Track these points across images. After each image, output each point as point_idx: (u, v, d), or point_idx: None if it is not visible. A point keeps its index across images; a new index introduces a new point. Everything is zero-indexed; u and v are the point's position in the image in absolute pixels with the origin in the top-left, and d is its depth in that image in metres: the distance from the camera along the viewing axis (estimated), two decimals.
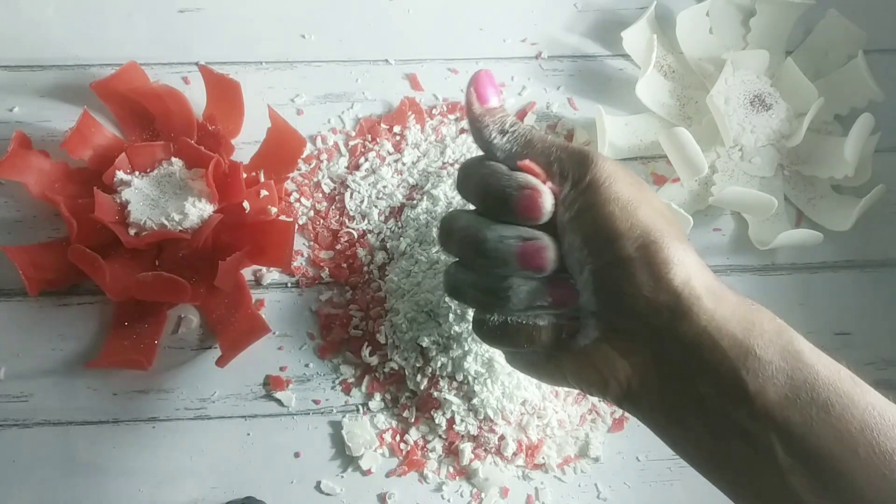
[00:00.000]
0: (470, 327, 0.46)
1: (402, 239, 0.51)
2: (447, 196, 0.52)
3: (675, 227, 0.33)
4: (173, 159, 0.51)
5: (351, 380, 0.50)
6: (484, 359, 0.47)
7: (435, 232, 0.51)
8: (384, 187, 0.54)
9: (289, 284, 0.52)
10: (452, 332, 0.47)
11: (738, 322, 0.31)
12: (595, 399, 0.50)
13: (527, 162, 0.35)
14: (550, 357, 0.36)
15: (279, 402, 0.49)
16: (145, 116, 0.54)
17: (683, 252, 0.32)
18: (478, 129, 0.36)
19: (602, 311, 0.33)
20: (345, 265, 0.52)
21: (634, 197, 0.33)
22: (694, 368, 0.31)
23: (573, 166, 0.34)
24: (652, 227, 0.32)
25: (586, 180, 0.33)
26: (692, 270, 0.31)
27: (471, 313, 0.46)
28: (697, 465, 0.33)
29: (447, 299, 0.47)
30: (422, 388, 0.48)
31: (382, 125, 0.56)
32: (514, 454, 0.48)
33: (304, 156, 0.54)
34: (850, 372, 0.31)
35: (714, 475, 0.33)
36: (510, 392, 0.47)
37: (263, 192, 0.50)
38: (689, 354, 0.31)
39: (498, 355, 0.47)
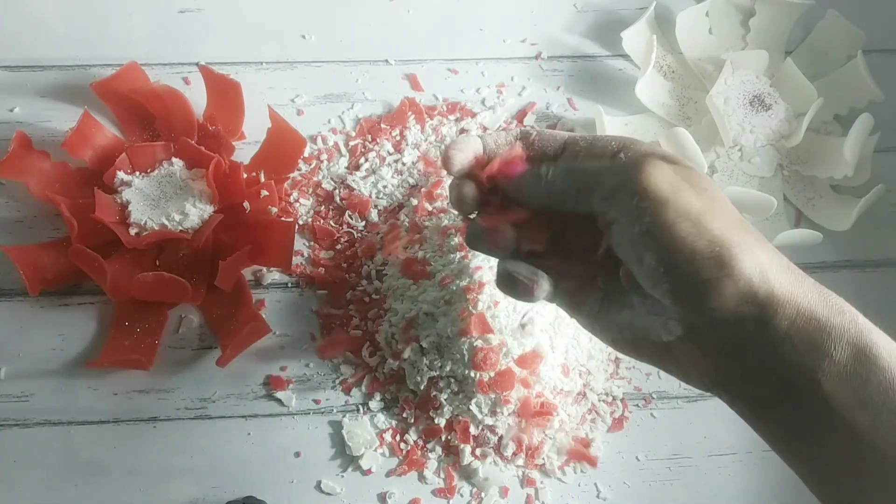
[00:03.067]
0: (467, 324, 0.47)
1: (402, 238, 0.51)
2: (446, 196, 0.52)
3: (750, 233, 0.32)
4: (174, 159, 0.52)
5: (351, 380, 0.50)
6: None
7: (430, 231, 0.51)
8: (384, 187, 0.54)
9: (289, 284, 0.52)
10: (451, 332, 0.47)
11: (818, 325, 0.31)
12: (594, 399, 0.50)
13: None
14: (628, 339, 0.36)
15: (279, 401, 0.49)
16: (146, 117, 0.54)
17: (763, 259, 0.31)
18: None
19: (684, 318, 0.33)
20: (345, 265, 0.52)
21: (706, 209, 0.31)
22: (775, 370, 0.31)
23: (618, 182, 0.33)
24: (729, 241, 0.31)
25: (646, 196, 0.32)
26: (773, 277, 0.31)
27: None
28: (780, 453, 0.33)
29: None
30: (422, 388, 0.48)
31: (382, 125, 0.56)
32: (514, 454, 0.48)
33: (304, 156, 0.54)
34: None
35: (796, 468, 0.33)
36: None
37: (264, 193, 0.51)
38: (770, 358, 0.31)
39: None
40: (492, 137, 0.39)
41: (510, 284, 0.36)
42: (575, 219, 0.35)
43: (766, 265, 0.31)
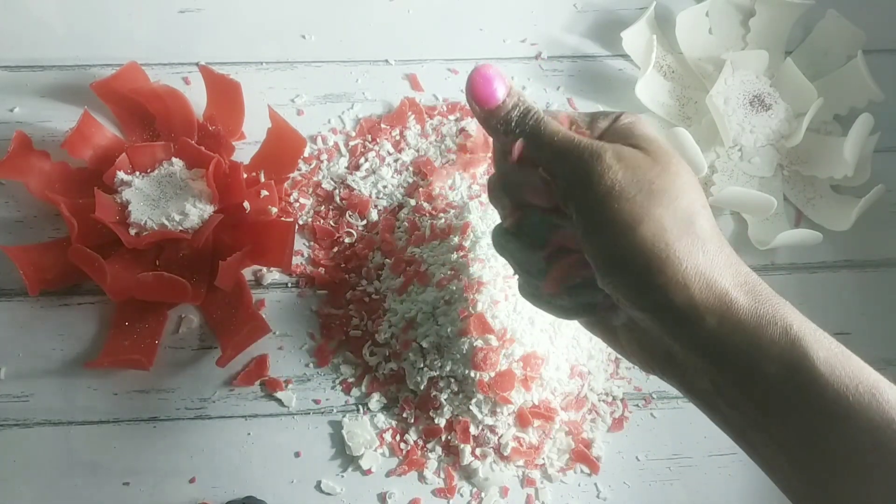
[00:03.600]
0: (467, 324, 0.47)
1: (401, 239, 0.51)
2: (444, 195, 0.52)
3: (688, 235, 0.32)
4: (174, 159, 0.52)
5: (351, 380, 0.50)
6: None
7: (429, 231, 0.51)
8: (384, 187, 0.54)
9: (289, 284, 0.52)
10: (451, 332, 0.47)
11: (744, 336, 0.31)
12: (594, 399, 0.50)
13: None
14: (605, 327, 0.37)
15: (279, 401, 0.49)
16: (146, 117, 0.54)
17: (690, 267, 0.31)
18: (489, 132, 0.36)
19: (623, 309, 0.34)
20: (344, 265, 0.52)
21: (638, 215, 0.32)
22: (705, 372, 0.32)
23: (572, 177, 0.33)
24: (650, 251, 0.31)
25: (588, 196, 0.33)
26: (695, 287, 0.31)
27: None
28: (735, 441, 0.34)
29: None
30: (422, 388, 0.48)
31: (382, 125, 0.56)
32: (514, 454, 0.48)
33: (304, 156, 0.54)
34: (876, 383, 0.30)
35: (750, 455, 0.33)
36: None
37: (264, 193, 0.51)
38: (699, 361, 0.32)
39: None
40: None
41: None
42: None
43: (691, 275, 0.31)
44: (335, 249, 0.53)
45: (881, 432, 0.29)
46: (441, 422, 0.48)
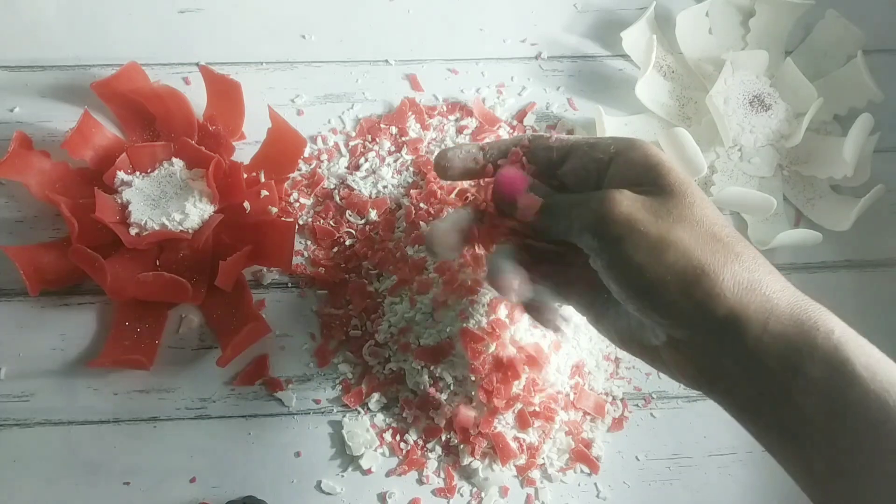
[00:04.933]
0: (466, 325, 0.47)
1: (399, 238, 0.51)
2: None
3: (719, 250, 0.32)
4: (174, 159, 0.52)
5: (351, 379, 0.50)
6: None
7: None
8: (384, 187, 0.54)
9: (289, 284, 0.52)
10: (451, 332, 0.47)
11: (788, 343, 0.31)
12: (595, 398, 0.50)
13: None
14: (643, 347, 0.37)
15: (280, 401, 0.49)
16: (146, 117, 0.54)
17: (727, 279, 0.32)
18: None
19: (662, 330, 0.34)
20: (344, 265, 0.52)
21: (663, 236, 0.32)
22: (750, 380, 0.32)
23: (582, 223, 0.35)
24: (684, 267, 0.32)
25: (603, 236, 0.33)
26: (733, 298, 0.31)
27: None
28: (767, 450, 0.34)
29: None
30: (422, 388, 0.48)
31: (382, 125, 0.56)
32: (515, 454, 0.48)
33: (304, 156, 0.54)
34: None
35: (783, 465, 0.33)
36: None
37: (264, 193, 0.51)
38: (744, 370, 0.32)
39: None
40: (490, 146, 0.40)
41: (493, 281, 0.37)
42: None
43: (729, 286, 0.31)
44: (335, 249, 0.53)
45: None
46: (441, 422, 0.48)
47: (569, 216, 0.35)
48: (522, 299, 0.37)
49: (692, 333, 0.33)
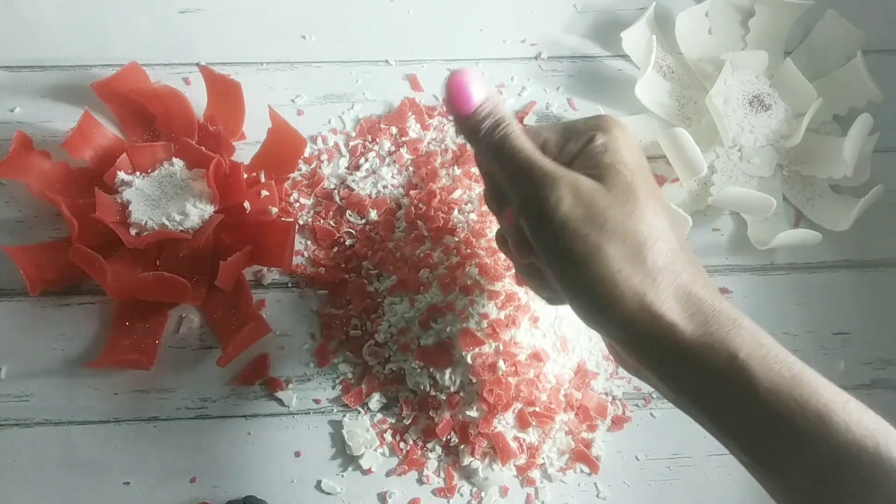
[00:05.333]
0: (467, 325, 0.47)
1: (399, 238, 0.51)
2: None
3: (637, 272, 0.32)
4: (174, 160, 0.52)
5: (351, 379, 0.50)
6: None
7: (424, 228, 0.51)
8: (384, 187, 0.54)
9: (289, 284, 0.52)
10: (451, 332, 0.47)
11: (690, 367, 0.32)
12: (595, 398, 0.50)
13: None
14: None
15: (280, 401, 0.49)
16: (146, 117, 0.54)
17: (635, 303, 0.32)
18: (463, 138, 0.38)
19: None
20: (344, 265, 0.52)
21: (595, 246, 0.32)
22: (678, 379, 0.33)
23: (525, 201, 0.35)
24: (597, 292, 0.32)
25: (541, 225, 0.34)
26: (640, 320, 0.32)
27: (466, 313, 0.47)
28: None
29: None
30: (422, 388, 0.48)
31: (382, 125, 0.56)
32: (515, 454, 0.48)
33: (304, 156, 0.54)
34: (825, 407, 0.31)
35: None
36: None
37: (264, 193, 0.51)
38: (657, 378, 0.34)
39: None
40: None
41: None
42: None
43: (637, 311, 0.32)
44: (335, 249, 0.53)
45: (831, 456, 0.29)
46: (441, 421, 0.48)
47: (510, 178, 0.35)
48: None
49: (617, 338, 0.34)
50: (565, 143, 0.36)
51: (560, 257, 0.33)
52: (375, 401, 0.49)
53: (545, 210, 0.33)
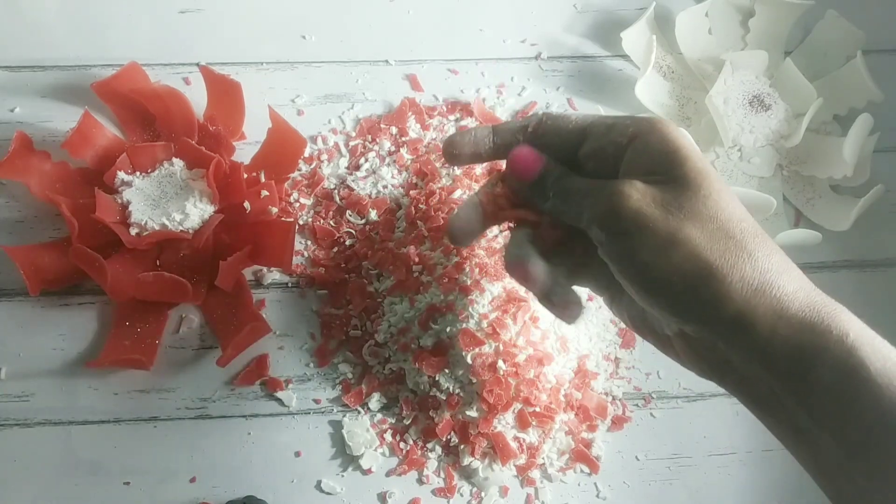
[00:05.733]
0: (466, 325, 0.47)
1: (399, 238, 0.51)
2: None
3: (731, 249, 0.32)
4: (174, 160, 0.52)
5: (351, 379, 0.50)
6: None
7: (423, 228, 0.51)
8: (384, 187, 0.54)
9: (289, 284, 0.52)
10: (451, 332, 0.47)
11: (798, 346, 0.30)
12: (595, 398, 0.50)
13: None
14: (658, 335, 0.37)
15: (280, 401, 0.49)
16: (146, 117, 0.54)
17: (738, 278, 0.31)
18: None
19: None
20: (344, 265, 0.52)
21: (673, 234, 0.32)
22: (760, 379, 0.32)
23: (592, 214, 0.34)
24: (693, 268, 0.31)
25: (611, 230, 0.33)
26: (749, 296, 0.31)
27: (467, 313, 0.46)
28: (782, 443, 0.34)
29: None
30: (421, 388, 0.48)
31: (382, 125, 0.56)
32: (515, 454, 0.48)
33: (304, 156, 0.54)
34: None
35: (798, 460, 0.33)
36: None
37: (264, 193, 0.51)
38: (752, 369, 0.32)
39: None
40: (500, 127, 0.39)
41: (510, 267, 0.37)
42: None
43: (738, 288, 0.31)
44: (335, 249, 0.53)
45: None
46: (441, 421, 0.48)
47: (579, 205, 0.35)
48: (539, 286, 0.37)
49: (699, 331, 0.32)
50: (606, 135, 0.36)
51: (641, 250, 0.32)
52: (375, 401, 0.49)
53: (618, 208, 0.33)
